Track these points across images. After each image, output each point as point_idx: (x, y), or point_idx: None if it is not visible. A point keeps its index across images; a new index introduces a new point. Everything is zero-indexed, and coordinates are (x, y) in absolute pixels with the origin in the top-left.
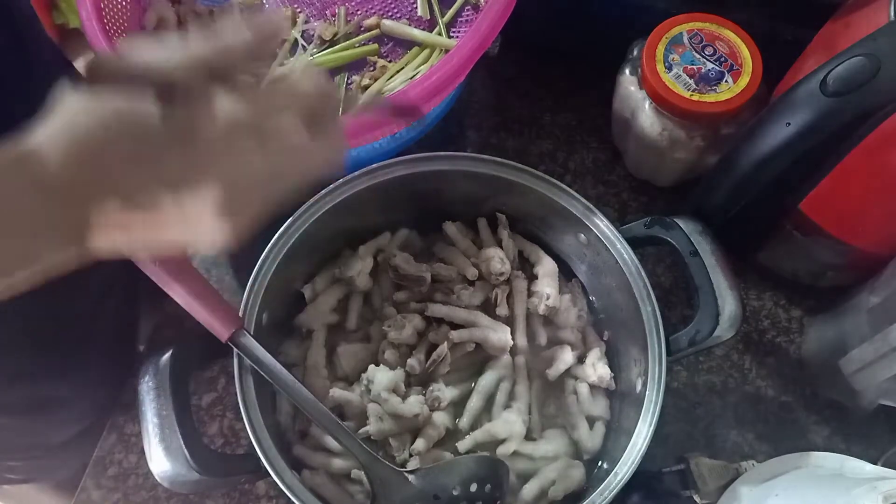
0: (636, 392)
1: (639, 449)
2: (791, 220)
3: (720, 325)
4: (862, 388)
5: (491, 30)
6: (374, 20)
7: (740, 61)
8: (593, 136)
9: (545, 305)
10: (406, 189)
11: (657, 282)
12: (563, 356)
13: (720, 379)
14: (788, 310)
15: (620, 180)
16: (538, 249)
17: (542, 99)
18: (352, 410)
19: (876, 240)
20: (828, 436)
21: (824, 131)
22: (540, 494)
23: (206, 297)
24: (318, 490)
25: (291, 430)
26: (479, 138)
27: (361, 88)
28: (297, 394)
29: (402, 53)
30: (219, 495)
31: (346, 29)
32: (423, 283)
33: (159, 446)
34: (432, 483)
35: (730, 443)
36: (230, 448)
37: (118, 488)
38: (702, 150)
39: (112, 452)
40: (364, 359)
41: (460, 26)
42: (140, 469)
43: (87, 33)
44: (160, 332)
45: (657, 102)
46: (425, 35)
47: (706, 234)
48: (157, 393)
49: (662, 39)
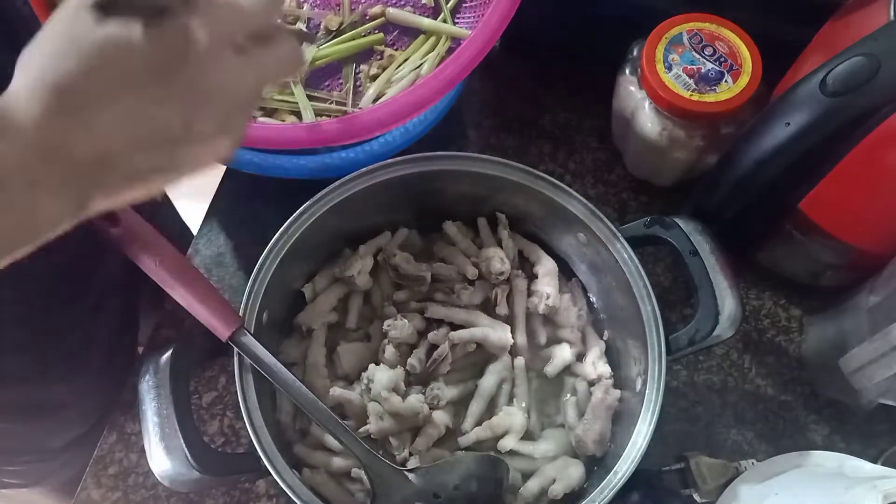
0: (636, 391)
1: (639, 448)
2: (791, 220)
3: (720, 324)
4: (861, 388)
5: (502, 20)
6: (380, 9)
7: (740, 61)
8: (593, 136)
9: (545, 305)
10: (406, 189)
11: (657, 281)
12: (562, 353)
13: (720, 378)
14: (788, 309)
15: (620, 180)
16: (538, 249)
17: (542, 99)
18: (352, 409)
19: (876, 240)
20: (827, 435)
21: (824, 131)
22: (540, 493)
23: (207, 297)
24: (318, 489)
25: (292, 428)
26: (479, 138)
27: (370, 78)
28: (297, 393)
29: (408, 42)
30: (219, 494)
31: (352, 18)
32: (423, 283)
33: (159, 445)
34: (432, 481)
35: (729, 442)
36: (230, 447)
37: (118, 487)
38: (701, 149)
39: (112, 451)
40: (364, 358)
41: (465, 12)
42: (140, 468)
43: None
44: (160, 332)
45: (657, 102)
46: (431, 23)
47: (706, 233)
48: (158, 392)
49: (662, 39)
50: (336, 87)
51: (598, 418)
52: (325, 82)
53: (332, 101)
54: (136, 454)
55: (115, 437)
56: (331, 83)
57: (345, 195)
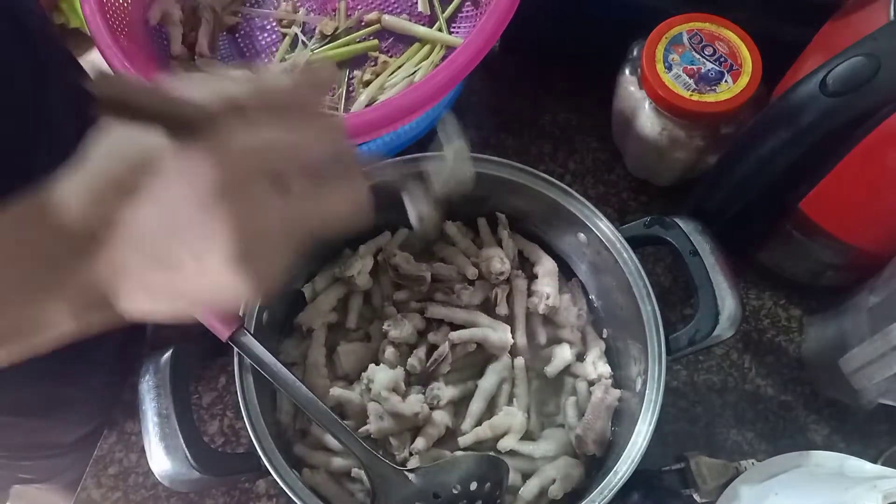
0: (636, 391)
1: (639, 448)
2: (791, 220)
3: (720, 324)
4: (861, 388)
5: (496, 28)
6: (375, 15)
7: (740, 61)
8: (593, 136)
9: (545, 305)
10: None
11: (657, 281)
12: (562, 353)
13: (720, 378)
14: (788, 309)
15: (620, 180)
16: (538, 249)
17: (542, 99)
18: (352, 409)
19: (876, 240)
20: (827, 435)
21: (824, 131)
22: (540, 493)
23: None
24: (318, 489)
25: (292, 428)
26: (479, 138)
27: (363, 84)
28: (297, 393)
29: (403, 49)
30: (219, 494)
31: (347, 24)
32: (423, 283)
33: (160, 445)
34: (432, 482)
35: (729, 442)
36: (230, 447)
37: (118, 487)
38: (701, 149)
39: (112, 451)
40: (364, 358)
41: (461, 22)
42: (140, 468)
43: (91, 29)
44: (160, 332)
45: (657, 102)
46: (426, 31)
47: (706, 233)
48: (158, 392)
49: (662, 39)
50: (328, 91)
51: (598, 418)
52: None
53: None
54: (136, 454)
55: (115, 437)
56: None
57: None
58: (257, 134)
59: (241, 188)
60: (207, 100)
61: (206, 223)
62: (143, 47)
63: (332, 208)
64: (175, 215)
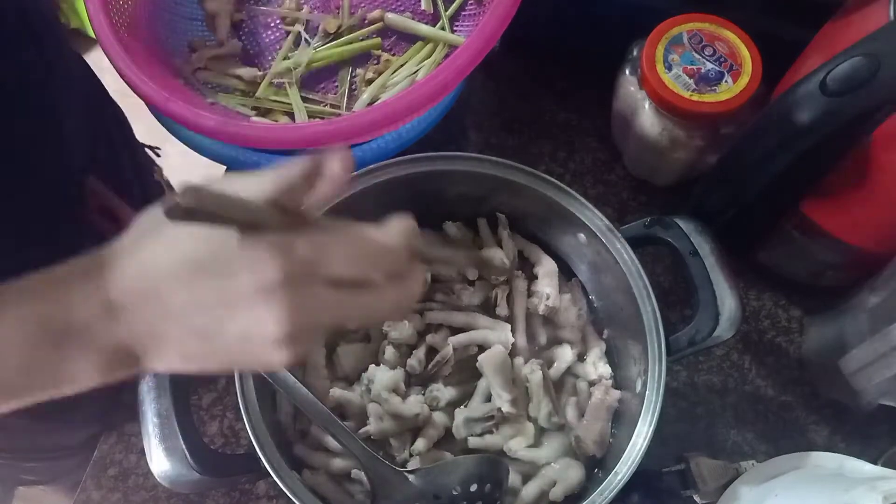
0: (636, 392)
1: (639, 449)
2: (791, 220)
3: (720, 324)
4: (862, 388)
5: (497, 28)
6: (378, 13)
7: (740, 61)
8: (593, 136)
9: (545, 305)
10: (406, 189)
11: (657, 282)
12: (564, 355)
13: (720, 379)
14: (788, 310)
15: (620, 180)
16: (538, 249)
17: (542, 99)
18: (352, 410)
19: (876, 240)
20: (827, 435)
21: (824, 131)
22: (540, 495)
23: None
24: (318, 490)
25: (291, 429)
26: (479, 138)
27: (365, 82)
28: (297, 393)
29: (406, 47)
30: (219, 495)
31: (350, 22)
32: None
33: (159, 446)
34: (432, 483)
35: (730, 442)
36: (230, 448)
37: (118, 488)
38: (701, 149)
39: (112, 452)
40: (364, 358)
41: (464, 20)
42: (140, 469)
43: (95, 27)
44: None
45: (657, 102)
46: (430, 30)
47: (706, 233)
48: (158, 393)
49: (662, 39)
50: (331, 89)
51: (598, 419)
52: (320, 85)
53: (326, 104)
54: (136, 455)
55: (115, 438)
56: (326, 86)
57: (345, 195)
58: (323, 239)
59: (301, 283)
60: (270, 201)
61: (262, 306)
62: (145, 45)
63: (378, 307)
64: (233, 296)
